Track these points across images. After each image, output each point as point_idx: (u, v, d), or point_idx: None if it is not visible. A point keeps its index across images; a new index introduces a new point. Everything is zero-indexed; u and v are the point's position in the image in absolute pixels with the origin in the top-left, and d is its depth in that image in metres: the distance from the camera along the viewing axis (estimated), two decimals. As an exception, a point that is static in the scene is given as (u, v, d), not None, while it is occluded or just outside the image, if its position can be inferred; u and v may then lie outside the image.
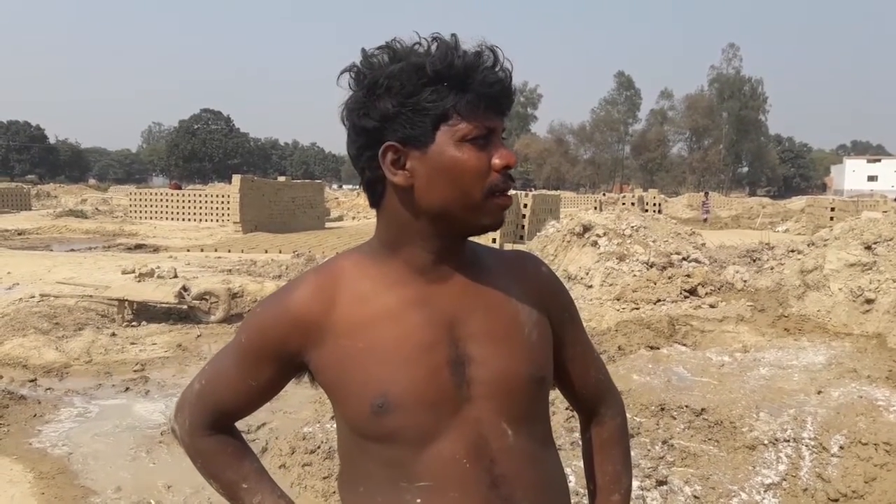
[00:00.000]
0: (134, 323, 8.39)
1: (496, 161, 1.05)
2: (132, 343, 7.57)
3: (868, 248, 7.08)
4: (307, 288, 1.12)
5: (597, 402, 1.32)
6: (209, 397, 1.20)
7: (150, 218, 25.97)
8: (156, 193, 27.59)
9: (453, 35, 1.05)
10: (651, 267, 9.24)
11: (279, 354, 1.12)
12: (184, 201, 26.14)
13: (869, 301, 6.49)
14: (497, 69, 1.05)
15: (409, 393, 1.05)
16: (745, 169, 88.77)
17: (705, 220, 30.27)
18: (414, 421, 1.06)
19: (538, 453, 1.15)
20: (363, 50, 1.07)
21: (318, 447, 4.25)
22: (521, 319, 1.15)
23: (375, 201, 1.12)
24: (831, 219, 21.46)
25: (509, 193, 1.08)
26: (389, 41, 1.06)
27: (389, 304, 1.09)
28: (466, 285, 1.12)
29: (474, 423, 1.08)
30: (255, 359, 1.14)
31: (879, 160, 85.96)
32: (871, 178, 79.88)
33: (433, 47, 1.04)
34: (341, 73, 1.08)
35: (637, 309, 8.33)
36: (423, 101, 1.02)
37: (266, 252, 16.63)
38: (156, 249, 17.53)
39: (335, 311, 1.09)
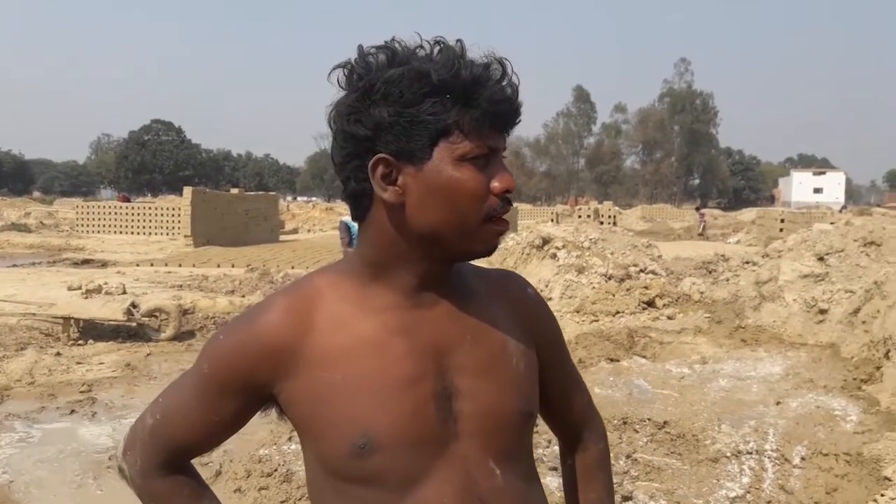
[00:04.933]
0: (80, 342, 8.09)
1: (496, 185, 0.97)
2: (78, 363, 7.27)
3: (821, 259, 7.22)
4: (278, 311, 1.01)
5: (580, 428, 1.26)
6: (164, 434, 1.08)
7: (98, 232, 25.28)
8: (104, 206, 26.87)
9: (459, 41, 0.97)
10: (609, 279, 9.28)
11: (246, 386, 1.02)
12: (133, 214, 25.52)
13: (822, 311, 6.59)
14: (504, 84, 0.97)
15: (393, 431, 0.97)
16: (697, 181, 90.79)
17: (701, 233, 30.77)
18: (398, 462, 0.97)
19: (526, 493, 1.07)
20: (360, 47, 0.98)
21: (275, 470, 4.11)
22: (510, 349, 1.07)
23: (360, 215, 1.03)
24: (781, 230, 22.00)
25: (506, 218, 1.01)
26: (389, 41, 0.97)
27: (370, 332, 1.00)
28: (453, 312, 1.04)
29: (461, 462, 1.00)
30: (218, 391, 1.03)
31: (824, 173, 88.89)
32: (817, 191, 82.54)
33: (435, 52, 0.96)
34: (334, 68, 0.98)
35: (596, 321, 8.35)
36: (423, 113, 0.93)
37: (218, 266, 16.28)
38: (103, 264, 17.02)
39: (310, 338, 0.99)
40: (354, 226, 7.00)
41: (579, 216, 26.77)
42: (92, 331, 8.36)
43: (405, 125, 0.93)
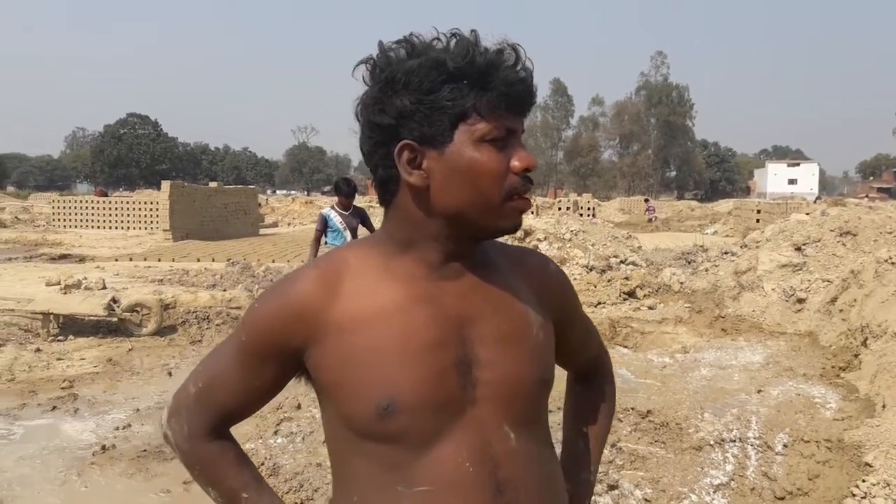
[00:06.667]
0: (60, 337, 7.99)
1: (515, 163, 1.03)
2: (59, 359, 7.20)
3: (798, 248, 7.32)
4: (309, 280, 1.08)
5: (592, 365, 1.40)
6: (208, 401, 1.15)
7: (75, 226, 24.93)
8: (80, 201, 26.46)
9: (473, 31, 1.02)
10: (591, 270, 9.35)
11: (282, 351, 1.08)
12: (110, 209, 25.18)
13: (801, 300, 6.69)
14: (518, 68, 1.02)
15: (415, 395, 1.02)
16: (674, 173, 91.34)
17: (650, 220, 31.64)
18: (418, 423, 1.03)
19: (539, 455, 1.13)
20: (380, 43, 1.04)
21: (262, 464, 4.11)
22: (530, 320, 1.13)
23: (387, 200, 1.09)
24: (757, 221, 22.24)
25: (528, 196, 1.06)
26: (408, 35, 1.04)
27: (396, 300, 1.06)
28: (477, 284, 1.10)
29: (477, 425, 1.05)
30: (258, 357, 1.10)
31: (798, 164, 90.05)
32: (792, 182, 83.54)
33: (452, 43, 1.01)
34: (357, 64, 1.05)
35: (578, 312, 8.41)
36: (441, 99, 0.99)
37: (198, 261, 16.14)
38: (82, 259, 16.80)
39: (338, 305, 1.05)
40: (333, 219, 7.00)
41: (559, 208, 26.87)
42: (72, 326, 8.27)
43: (426, 111, 1.00)
